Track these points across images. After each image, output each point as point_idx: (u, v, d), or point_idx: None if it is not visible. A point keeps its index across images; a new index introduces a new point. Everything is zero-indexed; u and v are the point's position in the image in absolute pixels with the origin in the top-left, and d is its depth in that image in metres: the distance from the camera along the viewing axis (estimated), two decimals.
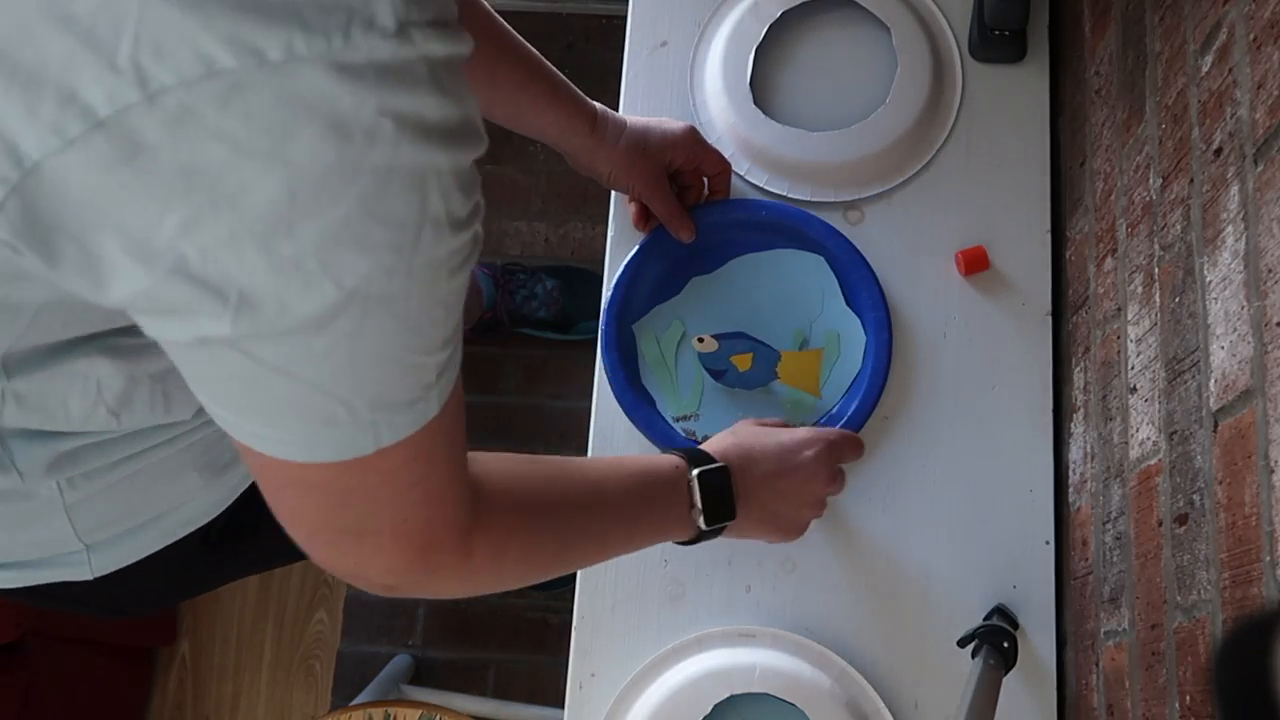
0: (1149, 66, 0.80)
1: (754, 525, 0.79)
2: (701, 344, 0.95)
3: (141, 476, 0.71)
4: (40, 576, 0.74)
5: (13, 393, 0.60)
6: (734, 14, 1.05)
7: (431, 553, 0.56)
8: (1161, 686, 0.71)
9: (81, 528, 0.71)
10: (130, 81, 0.35)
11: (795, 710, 0.87)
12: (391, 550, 0.55)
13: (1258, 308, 0.61)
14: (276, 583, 1.76)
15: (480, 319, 1.69)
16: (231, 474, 0.77)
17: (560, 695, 0.92)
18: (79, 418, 0.64)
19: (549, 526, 0.66)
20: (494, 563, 0.61)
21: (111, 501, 0.71)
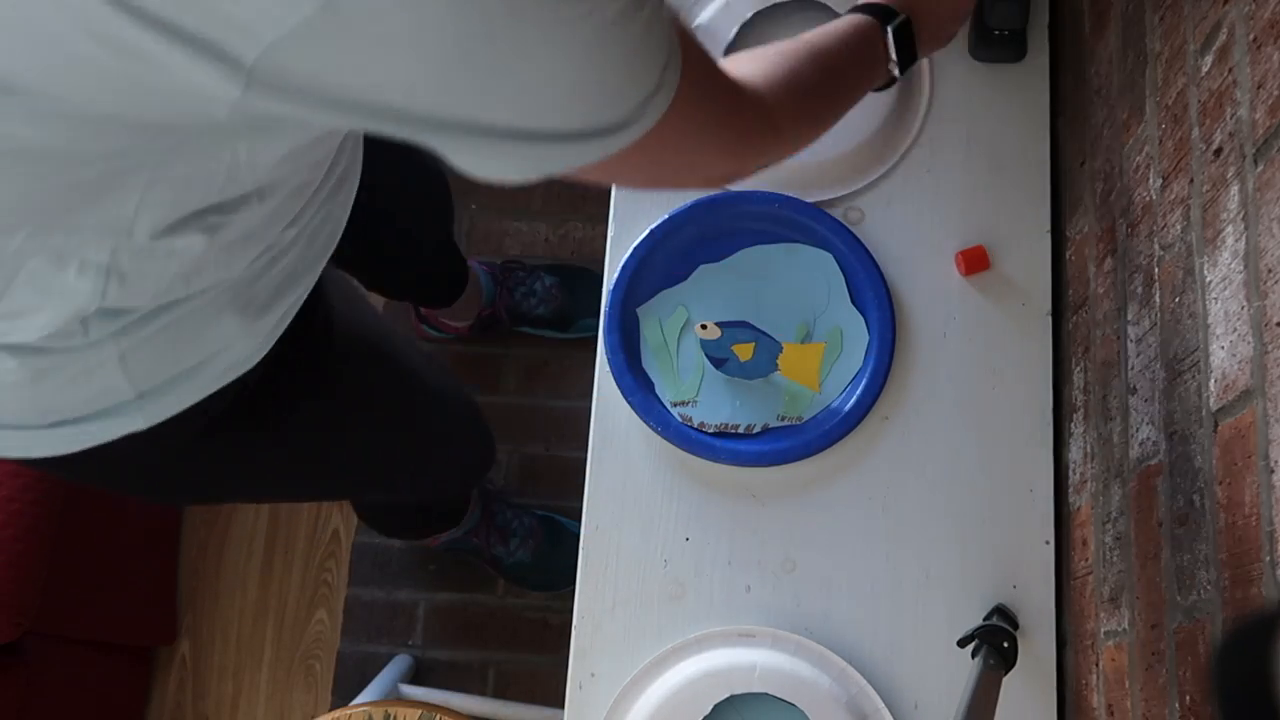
0: (1149, 66, 0.80)
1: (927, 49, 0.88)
2: (705, 331, 0.96)
3: (186, 322, 0.74)
4: (94, 432, 0.76)
5: (118, 269, 0.64)
6: (706, 12, 1.05)
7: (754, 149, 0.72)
8: (1161, 686, 0.71)
9: (134, 377, 0.74)
10: None
11: (795, 710, 0.87)
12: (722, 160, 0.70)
13: (1258, 308, 0.61)
14: (276, 583, 1.76)
15: (479, 315, 1.69)
16: (265, 319, 0.80)
17: (560, 695, 0.92)
18: (162, 291, 0.69)
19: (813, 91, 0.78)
20: (796, 127, 0.76)
21: (160, 349, 0.74)
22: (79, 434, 0.76)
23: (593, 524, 0.95)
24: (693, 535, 0.94)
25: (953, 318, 0.98)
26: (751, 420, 0.96)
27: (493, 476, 1.72)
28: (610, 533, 0.94)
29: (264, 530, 1.78)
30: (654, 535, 0.94)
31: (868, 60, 0.84)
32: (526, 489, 1.72)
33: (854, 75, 0.84)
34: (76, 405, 0.75)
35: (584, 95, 0.53)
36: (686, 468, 0.95)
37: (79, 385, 0.73)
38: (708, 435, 0.95)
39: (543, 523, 1.65)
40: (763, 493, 0.95)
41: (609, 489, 0.95)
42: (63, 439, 0.76)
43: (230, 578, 1.76)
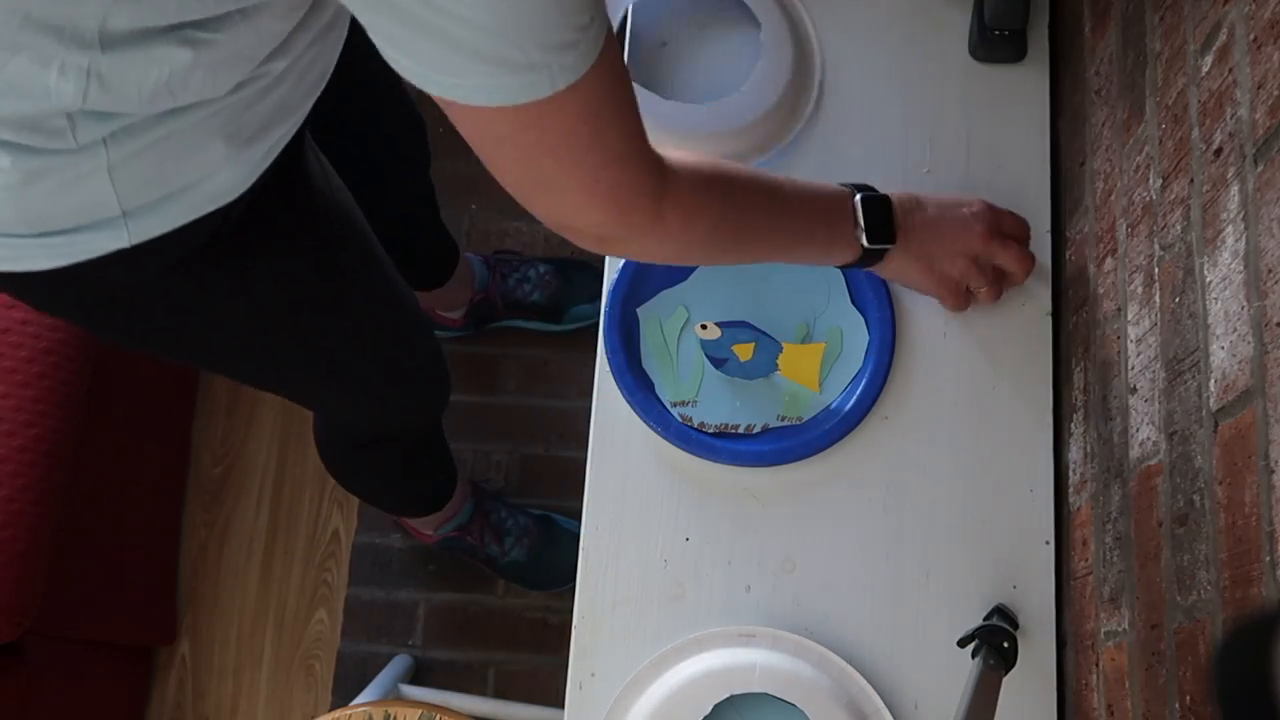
0: (1149, 66, 0.80)
1: (911, 262, 0.89)
2: (705, 331, 0.96)
3: (175, 140, 0.75)
4: (81, 245, 0.78)
5: (97, 72, 0.66)
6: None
7: (627, 213, 0.68)
8: (1161, 686, 0.71)
9: (122, 191, 0.76)
10: None
11: (795, 710, 0.87)
12: (590, 208, 0.67)
13: (1258, 308, 0.61)
14: (276, 583, 1.76)
15: (472, 301, 1.68)
16: (251, 150, 0.81)
17: (560, 695, 0.92)
18: (146, 99, 0.70)
19: (733, 208, 0.76)
20: (685, 230, 0.72)
21: (148, 165, 0.76)
22: (66, 246, 0.78)
23: (593, 524, 0.95)
24: (693, 535, 0.94)
25: (953, 318, 0.98)
26: (751, 420, 0.96)
27: (490, 476, 1.72)
28: (610, 533, 0.94)
29: (264, 530, 1.78)
30: (654, 535, 0.94)
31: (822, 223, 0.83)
32: (526, 489, 1.72)
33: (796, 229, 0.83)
34: (65, 216, 0.77)
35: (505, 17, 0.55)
36: (686, 468, 0.95)
37: (68, 193, 0.75)
38: (708, 435, 0.95)
39: (539, 522, 1.65)
40: (763, 493, 0.95)
41: (609, 489, 0.95)
42: (49, 251, 0.79)
43: (230, 578, 1.76)
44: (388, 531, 1.73)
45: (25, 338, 1.35)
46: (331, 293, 1.02)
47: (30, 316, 1.36)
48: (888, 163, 1.02)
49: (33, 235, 0.78)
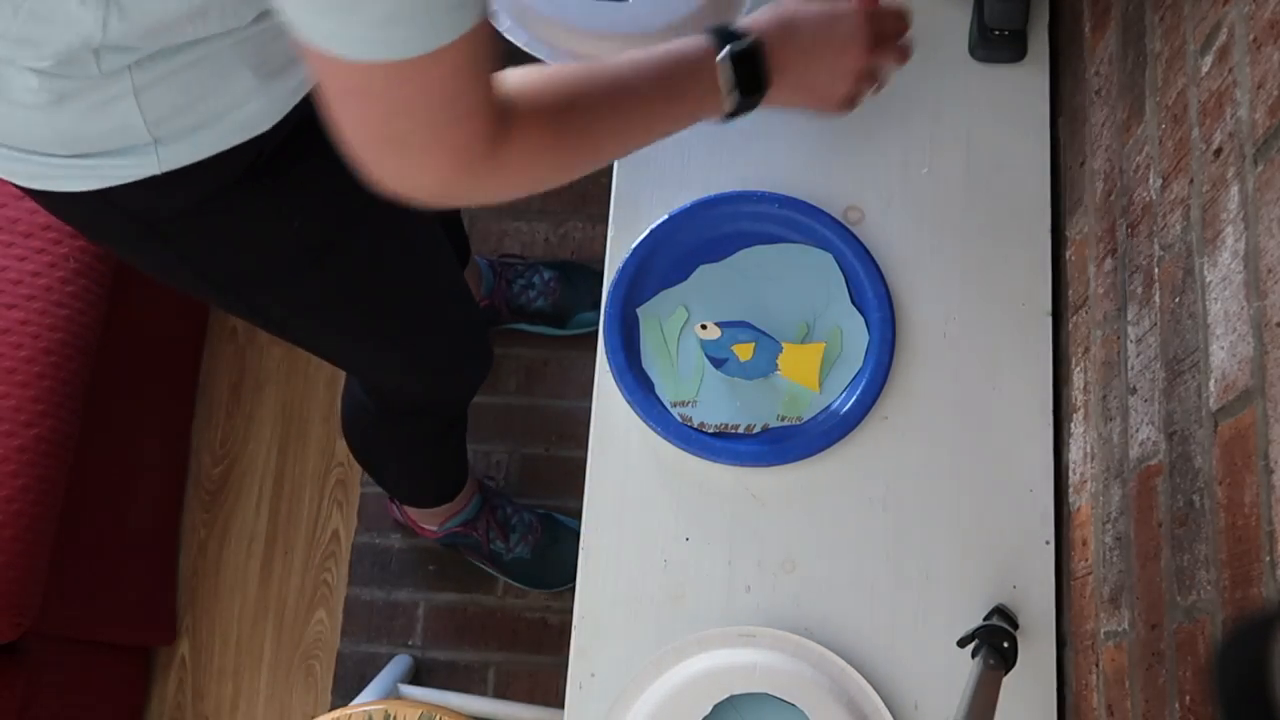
0: (1149, 66, 0.80)
1: (791, 94, 0.84)
2: (705, 331, 0.96)
3: (202, 67, 0.76)
4: (112, 169, 0.79)
5: (117, 3, 0.66)
6: None
7: (470, 164, 0.65)
8: (1161, 686, 0.71)
9: (150, 117, 0.76)
10: None
11: (795, 710, 0.87)
12: (434, 164, 0.64)
13: (1258, 308, 0.61)
14: (276, 583, 1.76)
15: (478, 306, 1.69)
16: (282, 82, 0.81)
17: (560, 695, 0.92)
18: (167, 30, 0.70)
19: (577, 129, 0.73)
20: (529, 166, 0.70)
21: (175, 92, 0.76)
22: (99, 168, 0.79)
23: (593, 524, 0.95)
24: (693, 535, 0.94)
25: (953, 318, 0.98)
26: (751, 420, 0.96)
27: (491, 475, 1.72)
28: (610, 532, 0.94)
29: (264, 530, 1.78)
30: (654, 535, 0.94)
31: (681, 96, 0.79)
32: (526, 489, 1.72)
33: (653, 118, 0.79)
34: (95, 138, 0.78)
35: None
36: (686, 468, 0.95)
37: (98, 116, 0.76)
38: (708, 435, 0.95)
39: (543, 521, 1.65)
40: (763, 493, 0.95)
41: (609, 489, 0.95)
42: (84, 172, 0.80)
43: (230, 578, 1.76)
44: (388, 531, 1.73)
45: (25, 338, 1.35)
46: (372, 239, 0.99)
47: (30, 317, 1.36)
48: (888, 162, 1.02)
49: (67, 155, 0.79)
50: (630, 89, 0.76)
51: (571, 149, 0.74)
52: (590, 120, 0.74)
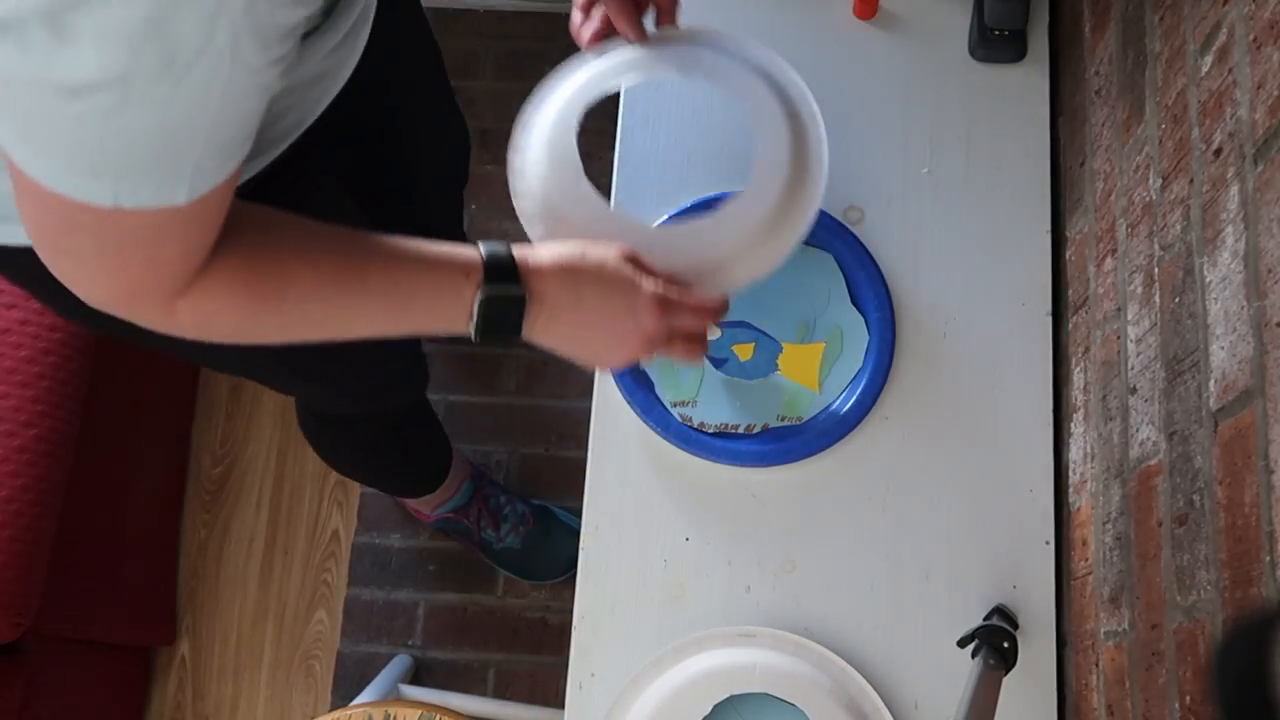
0: (1149, 66, 0.80)
1: (550, 342, 0.78)
2: None
3: None
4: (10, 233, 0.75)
5: None
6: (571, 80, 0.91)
7: (135, 301, 0.62)
8: (1161, 686, 0.71)
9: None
10: None
11: (795, 710, 0.87)
12: (99, 282, 0.61)
13: (1258, 308, 0.61)
14: (276, 583, 1.76)
15: None
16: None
17: (560, 695, 0.92)
18: None
19: (272, 307, 0.67)
20: (198, 328, 0.66)
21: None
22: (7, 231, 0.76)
23: (593, 524, 0.95)
24: (693, 535, 0.94)
25: (953, 318, 0.98)
26: (751, 420, 0.96)
27: (494, 476, 1.72)
28: (610, 532, 0.94)
29: (264, 530, 1.78)
30: (654, 535, 0.94)
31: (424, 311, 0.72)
32: (526, 489, 1.72)
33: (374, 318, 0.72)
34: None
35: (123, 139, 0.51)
36: (686, 468, 0.95)
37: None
38: (708, 435, 0.95)
39: (537, 512, 1.65)
40: (763, 493, 0.95)
41: (609, 489, 0.95)
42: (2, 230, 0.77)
43: (230, 578, 1.76)
44: (388, 531, 1.73)
45: (25, 338, 1.35)
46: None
47: (30, 317, 1.36)
48: (888, 163, 1.02)
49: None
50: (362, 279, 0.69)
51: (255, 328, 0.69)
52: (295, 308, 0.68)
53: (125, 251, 0.58)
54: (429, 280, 0.71)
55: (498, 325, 0.73)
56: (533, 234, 0.84)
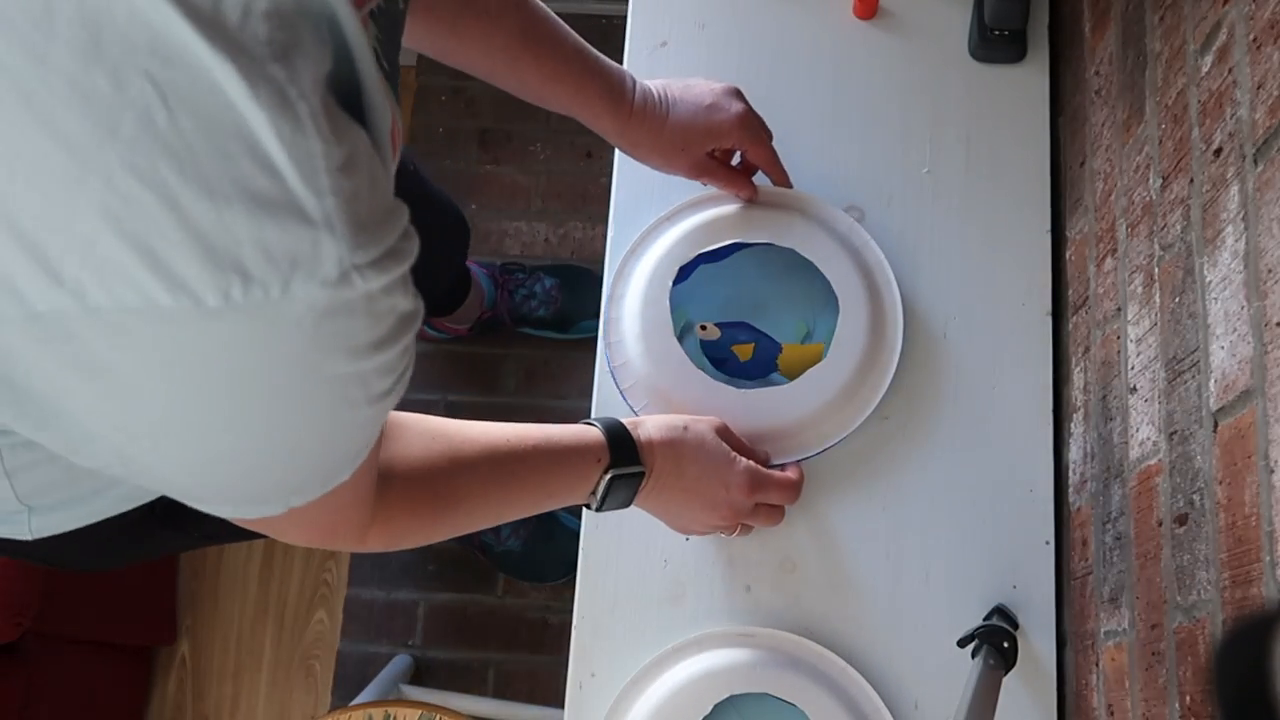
0: (1149, 66, 0.80)
1: (650, 506, 0.85)
2: (704, 331, 0.96)
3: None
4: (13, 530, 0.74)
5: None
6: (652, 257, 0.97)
7: (332, 540, 0.64)
8: (1161, 686, 0.71)
9: (21, 491, 0.72)
10: (69, 295, 0.36)
11: (795, 710, 0.87)
12: (298, 535, 0.62)
13: (1258, 308, 0.61)
14: (276, 583, 1.76)
15: (480, 318, 1.69)
16: None
17: (560, 695, 0.92)
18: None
19: (449, 518, 0.72)
20: (388, 546, 0.69)
21: (53, 472, 0.72)
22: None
23: (593, 524, 0.95)
24: (693, 535, 0.94)
25: (953, 318, 0.98)
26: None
27: None
28: (610, 533, 0.94)
29: None
30: (654, 535, 0.94)
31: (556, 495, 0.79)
32: None
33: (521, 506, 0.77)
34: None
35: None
36: None
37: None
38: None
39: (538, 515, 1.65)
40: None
41: None
42: None
43: (230, 578, 1.76)
44: None
45: None
46: None
47: None
48: (888, 163, 1.02)
49: None
50: (510, 474, 0.75)
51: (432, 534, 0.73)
52: (460, 515, 0.73)
53: (310, 519, 0.58)
54: (566, 470, 0.78)
55: (617, 498, 0.81)
56: (636, 404, 0.93)
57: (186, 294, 0.36)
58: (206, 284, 0.36)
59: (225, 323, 0.37)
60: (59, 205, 0.35)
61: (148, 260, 0.35)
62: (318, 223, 0.37)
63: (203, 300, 0.36)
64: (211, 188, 0.35)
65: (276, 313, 0.37)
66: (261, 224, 0.36)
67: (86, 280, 0.35)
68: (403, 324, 0.44)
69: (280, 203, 0.36)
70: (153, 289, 0.36)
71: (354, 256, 0.38)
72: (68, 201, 0.34)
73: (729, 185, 0.96)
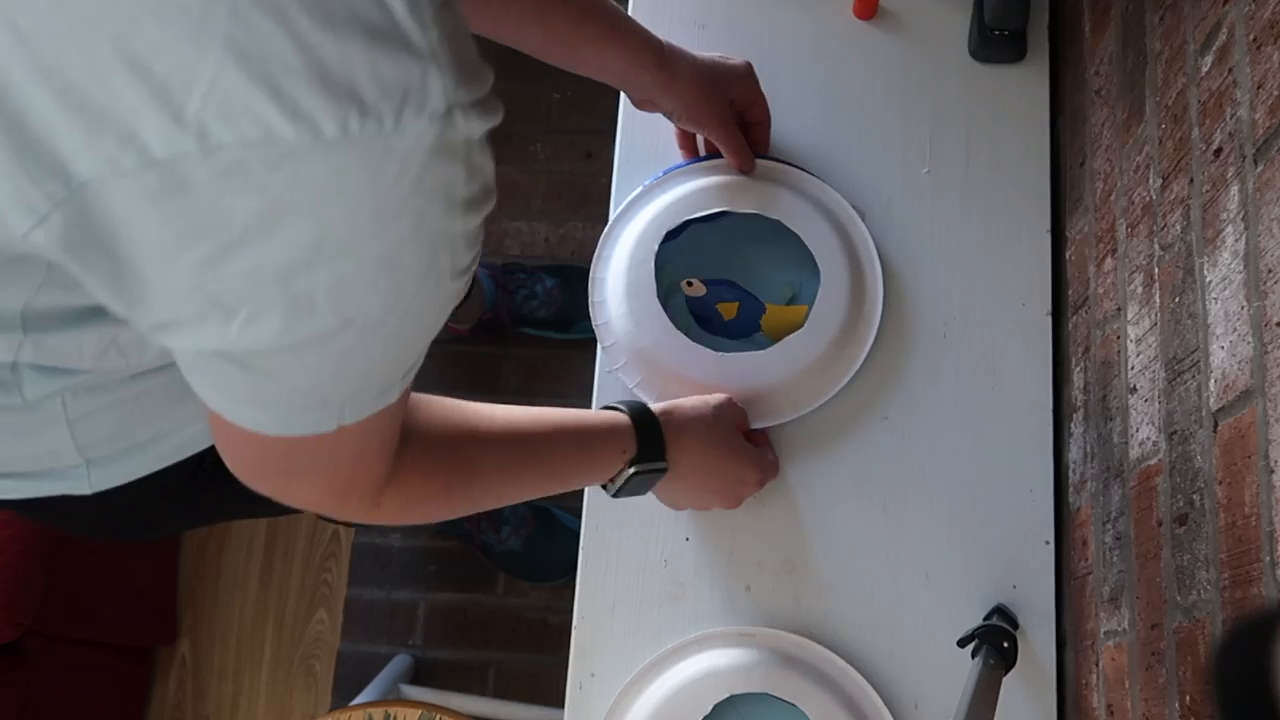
0: (1149, 66, 0.80)
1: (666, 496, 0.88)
2: (690, 288, 0.97)
3: (145, 399, 0.72)
4: (39, 489, 0.75)
5: (31, 340, 0.61)
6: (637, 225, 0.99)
7: (346, 499, 0.63)
8: (1161, 686, 0.71)
9: (82, 443, 0.72)
10: (192, 135, 0.36)
11: (795, 710, 0.87)
12: (313, 492, 0.62)
13: (1258, 308, 0.61)
14: (276, 583, 1.76)
15: (481, 319, 1.69)
16: None
17: (560, 695, 0.92)
18: (92, 360, 0.65)
19: (463, 490, 0.72)
20: (400, 515, 0.68)
21: (113, 420, 0.72)
22: (20, 487, 0.75)
23: (593, 524, 0.95)
24: (693, 535, 0.94)
25: (953, 318, 0.98)
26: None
27: None
28: (610, 533, 0.94)
29: (264, 530, 1.78)
30: (654, 535, 0.94)
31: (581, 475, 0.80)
32: None
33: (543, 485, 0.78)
34: (21, 460, 0.73)
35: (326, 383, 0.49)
36: None
37: (24, 442, 0.71)
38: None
39: (537, 514, 1.65)
40: (763, 493, 0.95)
41: None
42: (8, 488, 0.75)
43: (230, 578, 1.76)
44: (387, 531, 1.73)
45: None
46: None
47: None
48: (888, 163, 1.02)
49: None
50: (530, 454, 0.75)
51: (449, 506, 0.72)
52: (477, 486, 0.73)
53: (338, 458, 0.58)
54: (588, 457, 0.79)
55: (636, 490, 0.82)
56: (629, 380, 0.94)
57: (307, 125, 0.37)
58: (326, 114, 0.37)
59: (340, 156, 0.38)
60: (184, 40, 0.35)
61: (270, 90, 0.36)
62: (425, 55, 0.38)
63: (322, 131, 0.37)
64: (330, 17, 0.36)
65: (388, 147, 0.38)
66: (375, 54, 0.37)
67: (208, 117, 0.36)
68: (487, 194, 0.45)
69: (391, 34, 0.37)
70: (274, 120, 0.36)
71: (457, 94, 0.40)
72: (193, 35, 0.35)
73: (738, 150, 0.96)
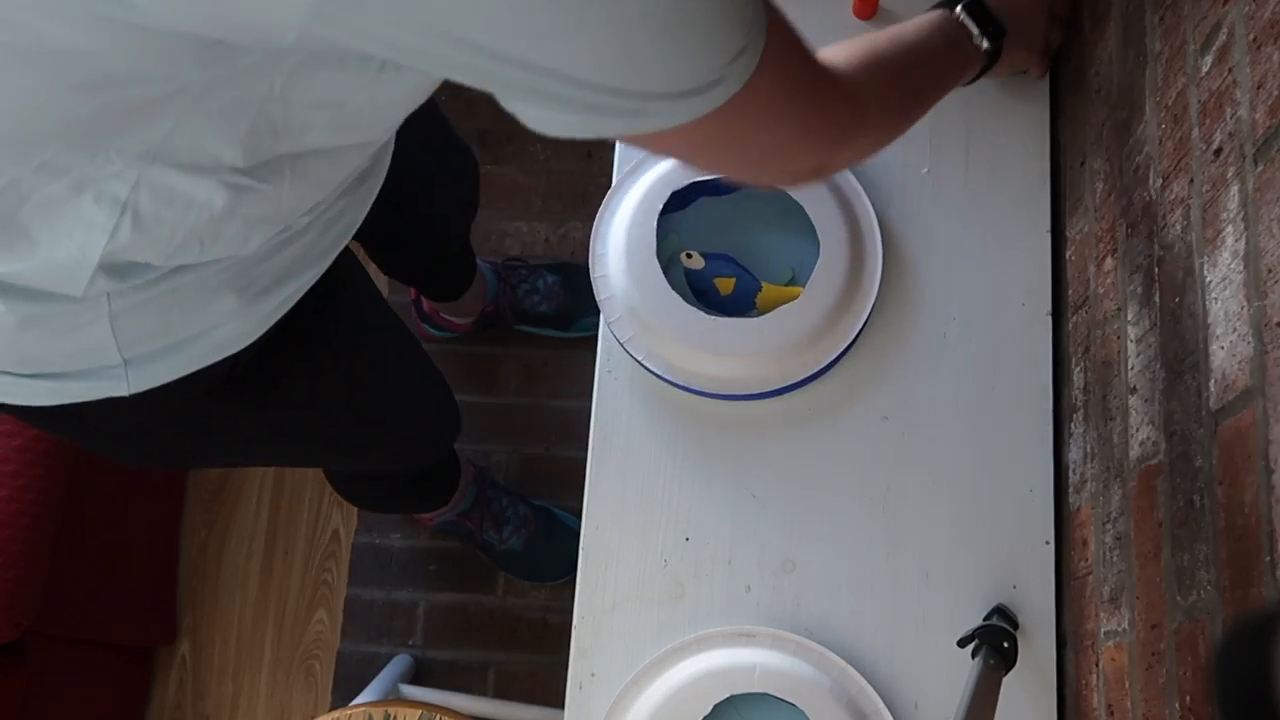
0: (1149, 66, 0.80)
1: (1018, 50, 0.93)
2: (689, 260, 0.97)
3: (183, 292, 0.72)
4: (77, 390, 0.75)
5: (133, 208, 0.61)
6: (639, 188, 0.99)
7: (840, 136, 0.68)
8: (1161, 686, 0.71)
9: (123, 340, 0.72)
10: None
11: (795, 710, 0.87)
12: (811, 150, 0.66)
13: (1258, 308, 0.61)
14: (276, 583, 1.76)
15: (482, 312, 1.69)
16: (264, 303, 0.78)
17: (560, 695, 0.92)
18: (175, 250, 0.66)
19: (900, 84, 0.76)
20: (882, 114, 0.72)
21: (153, 315, 0.73)
22: (58, 389, 0.75)
23: (593, 524, 0.95)
24: (693, 535, 0.94)
25: (953, 318, 0.98)
26: None
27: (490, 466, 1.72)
28: (610, 533, 0.94)
29: (264, 530, 1.78)
30: (654, 535, 0.94)
31: (951, 48, 0.84)
32: (526, 489, 1.72)
33: (941, 65, 0.84)
34: (60, 360, 0.73)
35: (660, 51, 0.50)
36: (687, 467, 0.95)
37: (65, 339, 0.71)
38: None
39: (538, 513, 1.65)
40: (763, 493, 0.95)
41: (609, 489, 0.95)
42: (40, 391, 0.75)
43: (230, 578, 1.76)
44: (387, 531, 1.73)
45: None
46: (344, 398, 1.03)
47: None
48: (887, 162, 1.02)
49: (27, 375, 0.74)
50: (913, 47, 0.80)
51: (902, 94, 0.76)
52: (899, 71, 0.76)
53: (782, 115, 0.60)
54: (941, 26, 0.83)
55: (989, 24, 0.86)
56: (622, 335, 0.94)
57: None
58: None
59: None
60: None
61: None
62: None
63: None
64: None
65: None
66: None
67: None
68: None
69: None
70: None
71: None
72: None
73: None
